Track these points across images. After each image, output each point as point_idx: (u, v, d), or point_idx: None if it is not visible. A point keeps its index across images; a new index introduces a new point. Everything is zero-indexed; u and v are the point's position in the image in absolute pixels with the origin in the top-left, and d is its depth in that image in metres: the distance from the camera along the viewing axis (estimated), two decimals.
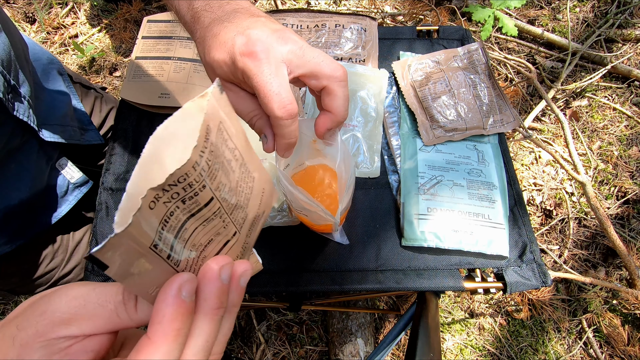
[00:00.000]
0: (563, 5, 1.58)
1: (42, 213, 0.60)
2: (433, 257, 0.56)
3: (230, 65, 0.33)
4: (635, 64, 1.44)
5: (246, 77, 0.32)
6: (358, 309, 1.09)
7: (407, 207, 0.57)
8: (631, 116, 1.36)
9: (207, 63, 0.35)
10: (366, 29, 0.71)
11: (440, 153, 0.61)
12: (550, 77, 1.46)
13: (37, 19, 1.67)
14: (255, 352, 1.13)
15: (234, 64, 0.32)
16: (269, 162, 0.60)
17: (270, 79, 0.32)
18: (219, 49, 0.33)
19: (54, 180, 0.61)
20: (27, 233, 0.58)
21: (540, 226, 1.28)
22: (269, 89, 0.32)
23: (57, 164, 0.61)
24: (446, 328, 1.17)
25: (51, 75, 0.63)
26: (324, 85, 0.34)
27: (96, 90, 0.77)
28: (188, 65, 0.67)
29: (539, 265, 0.55)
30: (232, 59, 0.32)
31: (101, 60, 1.58)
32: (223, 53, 0.33)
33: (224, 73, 0.34)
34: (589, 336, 1.12)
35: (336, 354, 1.05)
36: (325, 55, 0.34)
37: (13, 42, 0.50)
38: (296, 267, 0.55)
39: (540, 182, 1.32)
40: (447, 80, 0.65)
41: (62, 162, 0.62)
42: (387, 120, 0.65)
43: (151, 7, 1.65)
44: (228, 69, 0.33)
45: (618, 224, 1.24)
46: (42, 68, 0.62)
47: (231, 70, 0.33)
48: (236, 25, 0.33)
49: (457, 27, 0.74)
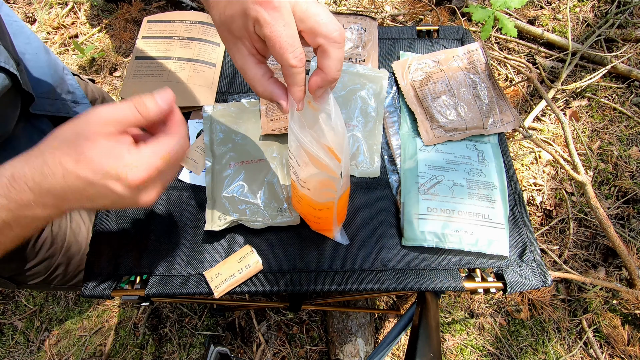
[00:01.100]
0: (563, 5, 1.58)
1: None
2: (433, 257, 0.56)
3: (242, 17, 0.33)
4: (635, 64, 1.44)
5: (258, 26, 0.33)
6: (358, 309, 1.09)
7: (407, 207, 0.57)
8: (631, 116, 1.36)
9: (224, 22, 0.35)
10: (366, 29, 0.71)
11: (440, 153, 0.61)
12: (550, 77, 1.46)
13: (37, 19, 1.67)
14: (255, 352, 1.13)
15: (245, 14, 0.33)
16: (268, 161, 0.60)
17: (284, 30, 0.32)
18: (232, 4, 0.33)
19: None
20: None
21: (540, 226, 1.28)
22: (284, 39, 0.32)
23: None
24: (446, 328, 1.17)
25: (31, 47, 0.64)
26: (320, 44, 0.35)
27: (80, 78, 0.77)
28: (188, 65, 0.67)
29: (539, 265, 0.55)
30: (244, 9, 0.32)
31: (101, 60, 1.58)
32: (236, 6, 0.33)
33: (236, 28, 0.34)
34: (589, 336, 1.12)
35: (336, 354, 1.05)
36: (327, 14, 0.35)
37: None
38: (296, 267, 0.55)
39: (540, 182, 1.32)
40: (447, 80, 0.65)
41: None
42: (387, 120, 0.65)
43: (151, 7, 1.65)
44: (241, 21, 0.34)
45: (618, 224, 1.24)
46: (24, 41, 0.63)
47: (243, 22, 0.33)
48: None
49: (457, 27, 0.74)
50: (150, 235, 0.57)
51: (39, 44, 0.65)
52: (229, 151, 0.60)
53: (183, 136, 0.37)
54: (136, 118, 0.35)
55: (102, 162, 0.33)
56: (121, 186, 0.34)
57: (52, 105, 0.62)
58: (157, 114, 0.36)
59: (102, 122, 0.33)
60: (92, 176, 0.33)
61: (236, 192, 0.57)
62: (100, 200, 0.35)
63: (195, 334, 1.16)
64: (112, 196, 0.35)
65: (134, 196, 0.35)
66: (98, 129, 0.33)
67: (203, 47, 0.69)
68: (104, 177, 0.33)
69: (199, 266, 0.55)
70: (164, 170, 0.36)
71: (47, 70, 0.64)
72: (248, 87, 0.68)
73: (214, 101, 0.66)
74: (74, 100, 0.67)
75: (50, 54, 0.66)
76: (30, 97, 0.56)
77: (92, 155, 0.32)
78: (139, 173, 0.34)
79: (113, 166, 0.33)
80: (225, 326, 1.17)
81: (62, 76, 0.67)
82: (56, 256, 0.67)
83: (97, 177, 0.33)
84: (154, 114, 0.36)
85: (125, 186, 0.34)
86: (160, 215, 0.58)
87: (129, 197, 0.35)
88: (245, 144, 0.61)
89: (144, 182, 0.34)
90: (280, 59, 0.34)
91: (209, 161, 0.60)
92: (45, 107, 0.61)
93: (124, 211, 0.59)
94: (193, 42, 0.69)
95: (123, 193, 0.34)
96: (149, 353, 1.14)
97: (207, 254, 0.56)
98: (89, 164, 0.33)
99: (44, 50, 0.65)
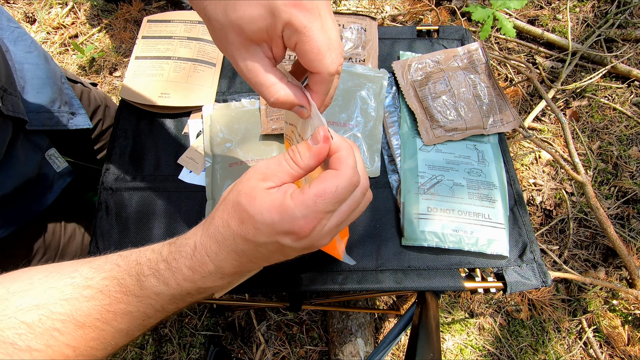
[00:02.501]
0: (563, 5, 1.58)
1: (33, 201, 0.61)
2: (433, 257, 0.56)
3: (267, 19, 0.29)
4: (635, 64, 1.44)
5: (292, 30, 0.29)
6: (358, 309, 1.09)
7: (407, 206, 0.57)
8: (631, 116, 1.36)
9: (234, 22, 0.30)
10: (366, 29, 0.71)
11: (440, 153, 0.61)
12: (550, 77, 1.46)
13: (37, 19, 1.67)
14: (255, 352, 1.13)
15: (274, 16, 0.29)
16: None
17: (321, 34, 0.30)
18: (250, 3, 0.29)
19: (43, 169, 0.62)
20: (19, 219, 0.59)
21: (540, 226, 1.28)
22: (323, 44, 0.30)
23: (46, 154, 0.62)
24: (446, 328, 1.17)
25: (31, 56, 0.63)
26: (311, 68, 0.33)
27: (83, 85, 0.77)
28: (188, 65, 0.67)
29: (539, 265, 0.55)
30: (272, 11, 0.29)
31: (101, 60, 1.58)
32: (257, 7, 0.29)
33: (256, 30, 0.30)
34: (589, 336, 1.12)
35: (336, 354, 1.05)
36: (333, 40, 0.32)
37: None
38: (296, 267, 0.55)
39: (540, 182, 1.32)
40: (447, 80, 0.65)
41: (51, 152, 0.63)
42: (387, 120, 0.65)
43: (151, 7, 1.65)
44: (264, 23, 0.29)
45: (618, 224, 1.24)
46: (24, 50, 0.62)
47: (268, 24, 0.29)
48: None
49: (457, 27, 0.74)
50: (151, 235, 0.57)
51: (40, 51, 0.65)
52: (229, 151, 0.60)
53: (351, 167, 0.32)
54: (292, 168, 0.32)
55: (266, 219, 0.30)
56: (292, 240, 0.31)
57: (50, 119, 0.62)
58: (315, 161, 0.32)
59: (260, 178, 0.32)
60: (260, 237, 0.31)
61: None
62: (275, 256, 0.33)
63: (195, 334, 1.16)
64: (286, 250, 0.32)
65: (310, 243, 0.32)
66: (256, 184, 0.31)
67: (203, 47, 0.69)
68: (271, 235, 0.31)
69: None
70: (339, 210, 0.32)
71: (47, 80, 0.63)
72: (248, 87, 0.68)
73: (214, 101, 0.66)
74: (71, 111, 0.66)
75: (50, 62, 0.66)
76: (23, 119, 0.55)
77: (254, 213, 0.30)
78: (308, 224, 0.30)
79: (278, 221, 0.30)
80: (225, 326, 1.17)
81: (60, 86, 0.66)
82: (51, 262, 0.67)
83: (264, 237, 0.31)
84: (313, 162, 0.32)
85: (296, 239, 0.31)
86: (160, 215, 0.58)
87: (304, 246, 0.32)
88: (245, 143, 0.61)
89: (315, 229, 0.31)
90: (316, 65, 0.31)
91: (209, 161, 0.60)
92: (42, 122, 0.61)
93: (124, 211, 0.59)
94: (193, 42, 0.69)
95: (296, 245, 0.32)
96: (148, 353, 1.14)
97: None
98: (254, 224, 0.30)
99: (44, 58, 0.64)
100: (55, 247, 0.67)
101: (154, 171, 0.62)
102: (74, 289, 0.32)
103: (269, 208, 0.30)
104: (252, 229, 0.31)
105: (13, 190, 0.56)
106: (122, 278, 0.33)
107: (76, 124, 0.66)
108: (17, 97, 0.55)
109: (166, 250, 0.34)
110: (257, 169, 0.32)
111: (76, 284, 0.32)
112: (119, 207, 0.59)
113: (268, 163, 0.33)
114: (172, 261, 0.33)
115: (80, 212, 0.74)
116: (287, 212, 0.30)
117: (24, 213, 0.60)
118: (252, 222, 0.30)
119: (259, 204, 0.30)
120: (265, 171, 0.32)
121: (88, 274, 0.33)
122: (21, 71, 0.60)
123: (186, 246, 0.33)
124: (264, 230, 0.30)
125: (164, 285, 0.33)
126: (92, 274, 0.33)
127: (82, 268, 0.34)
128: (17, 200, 0.58)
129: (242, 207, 0.31)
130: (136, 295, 0.33)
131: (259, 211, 0.30)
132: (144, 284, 0.33)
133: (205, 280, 0.33)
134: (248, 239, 0.31)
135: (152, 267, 0.33)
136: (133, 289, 0.33)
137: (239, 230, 0.31)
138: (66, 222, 0.70)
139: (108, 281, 0.33)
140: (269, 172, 0.32)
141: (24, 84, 0.60)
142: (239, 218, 0.31)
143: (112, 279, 0.33)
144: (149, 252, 0.34)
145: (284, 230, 0.30)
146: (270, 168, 0.32)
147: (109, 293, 0.32)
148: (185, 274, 0.32)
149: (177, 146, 0.64)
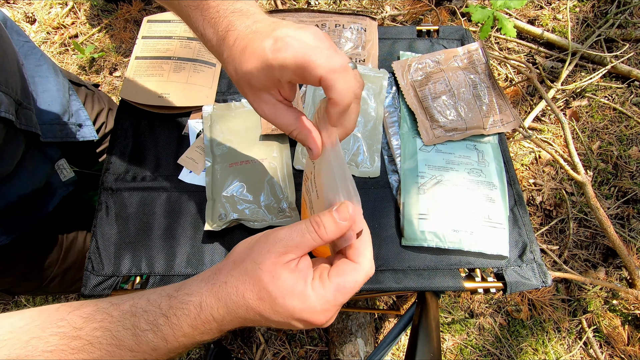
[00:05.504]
0: (563, 5, 1.58)
1: (37, 209, 0.62)
2: (433, 257, 0.56)
3: (264, 69, 0.33)
4: (635, 64, 1.44)
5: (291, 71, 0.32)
6: (358, 309, 1.09)
7: (407, 206, 0.57)
8: (631, 116, 1.36)
9: (242, 77, 0.35)
10: (366, 29, 0.71)
11: (440, 153, 0.61)
12: (550, 77, 1.46)
13: (37, 18, 1.67)
14: (255, 352, 1.13)
15: (268, 66, 0.32)
16: (268, 161, 0.60)
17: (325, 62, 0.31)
18: (250, 60, 0.33)
19: (50, 178, 0.62)
20: (21, 227, 0.59)
21: (540, 226, 1.28)
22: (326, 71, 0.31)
23: (56, 165, 0.62)
24: (446, 328, 1.17)
25: (41, 70, 0.64)
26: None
27: (87, 87, 0.77)
28: (188, 65, 0.67)
29: (539, 265, 0.55)
30: (265, 62, 0.32)
31: (101, 60, 1.58)
32: (255, 62, 0.33)
33: (260, 81, 0.34)
34: (589, 336, 1.12)
35: (336, 354, 1.05)
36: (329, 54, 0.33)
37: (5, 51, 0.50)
38: None
39: (540, 182, 1.32)
40: (447, 80, 0.65)
41: (60, 163, 0.63)
42: (387, 120, 0.65)
43: (151, 7, 1.65)
44: (263, 74, 0.33)
45: (618, 224, 1.24)
46: (34, 63, 0.63)
47: (266, 74, 0.33)
48: (261, 34, 0.33)
49: (457, 27, 0.74)
50: (151, 235, 0.57)
51: (50, 64, 0.65)
52: (229, 151, 0.60)
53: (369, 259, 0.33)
54: (316, 241, 0.32)
55: (286, 304, 0.31)
56: (304, 325, 0.33)
57: (61, 131, 0.63)
58: (337, 235, 0.33)
59: (280, 251, 0.32)
60: (275, 316, 0.31)
61: (236, 192, 0.57)
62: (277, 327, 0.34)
63: None
64: (294, 328, 0.33)
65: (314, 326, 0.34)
66: (277, 259, 0.31)
67: (203, 46, 0.69)
68: (287, 318, 0.31)
69: (198, 266, 0.55)
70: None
71: (57, 93, 0.64)
72: None
73: (214, 101, 0.66)
74: (78, 123, 0.67)
75: (59, 75, 0.66)
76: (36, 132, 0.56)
77: (276, 295, 0.31)
78: (326, 317, 0.32)
79: (299, 310, 0.31)
80: None
81: (68, 98, 0.66)
82: (52, 268, 0.67)
83: (279, 317, 0.31)
84: (334, 235, 0.33)
85: (309, 325, 0.33)
86: (160, 215, 0.58)
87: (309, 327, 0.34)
88: (245, 144, 0.61)
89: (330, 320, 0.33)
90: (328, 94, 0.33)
91: (209, 161, 0.60)
92: (55, 134, 0.61)
93: (124, 211, 0.59)
94: (193, 42, 0.69)
95: (306, 328, 0.33)
96: None
97: (207, 254, 0.56)
98: (273, 305, 0.31)
99: (53, 71, 0.65)
100: (57, 250, 0.67)
101: (154, 171, 0.62)
102: (60, 339, 0.30)
103: (291, 293, 0.31)
104: (269, 309, 0.31)
105: (18, 199, 0.56)
106: (115, 330, 0.31)
107: (83, 136, 0.67)
108: (31, 110, 0.55)
109: (165, 304, 0.32)
110: (279, 240, 0.32)
111: (63, 334, 0.30)
112: (119, 207, 0.59)
113: (290, 234, 0.32)
114: (173, 317, 0.32)
115: (81, 214, 0.74)
116: (307, 302, 0.31)
117: (27, 221, 0.60)
118: (271, 303, 0.31)
119: (281, 286, 0.31)
120: (287, 244, 0.32)
121: (77, 323, 0.31)
122: (33, 84, 0.60)
123: (189, 304, 0.32)
124: (282, 313, 0.31)
125: (161, 340, 0.31)
126: (81, 324, 0.31)
127: (71, 316, 0.32)
128: (21, 209, 0.58)
129: (263, 284, 0.31)
130: (131, 350, 0.31)
131: (281, 294, 0.31)
132: (140, 339, 0.31)
133: (204, 336, 0.33)
134: (262, 315, 0.31)
135: (150, 321, 0.32)
136: (128, 343, 0.31)
137: (254, 305, 0.31)
138: (68, 225, 0.70)
139: (100, 332, 0.31)
140: (291, 245, 0.32)
141: (36, 97, 0.60)
142: (258, 295, 0.31)
143: (104, 330, 0.31)
144: (144, 302, 0.33)
145: (302, 318, 0.31)
146: (293, 240, 0.32)
147: (100, 346, 0.31)
148: (186, 331, 0.32)
149: (177, 146, 0.64)
